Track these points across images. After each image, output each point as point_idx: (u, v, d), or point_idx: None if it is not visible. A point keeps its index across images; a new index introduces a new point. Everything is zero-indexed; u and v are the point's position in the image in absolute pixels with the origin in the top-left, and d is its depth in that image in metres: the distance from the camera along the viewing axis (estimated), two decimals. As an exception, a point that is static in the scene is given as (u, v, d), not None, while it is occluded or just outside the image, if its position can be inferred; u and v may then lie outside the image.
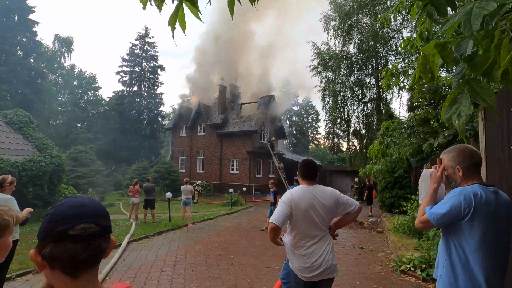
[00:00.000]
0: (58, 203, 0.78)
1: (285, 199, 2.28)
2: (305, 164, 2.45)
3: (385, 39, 20.20)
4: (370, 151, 3.43)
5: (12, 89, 26.70)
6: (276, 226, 2.15)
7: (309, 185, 2.36)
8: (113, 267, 5.01)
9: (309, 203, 2.26)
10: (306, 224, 2.25)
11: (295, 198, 2.26)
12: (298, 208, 2.24)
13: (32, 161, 11.03)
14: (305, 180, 2.40)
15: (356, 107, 22.66)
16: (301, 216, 2.24)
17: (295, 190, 2.33)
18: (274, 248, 6.67)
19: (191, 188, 10.05)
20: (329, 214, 2.31)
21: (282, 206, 2.25)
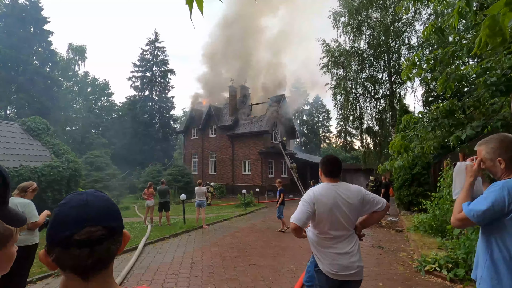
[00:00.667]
0: (62, 202, 0.72)
1: (306, 198, 2.18)
2: (328, 160, 2.33)
3: (397, 33, 19.72)
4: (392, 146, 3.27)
5: (29, 98, 27.59)
6: (298, 226, 2.06)
7: (332, 183, 2.25)
8: (130, 270, 5.02)
9: (333, 201, 2.15)
10: (330, 223, 2.14)
11: (318, 197, 2.16)
12: (322, 207, 2.13)
13: (50, 167, 11.30)
14: (328, 177, 2.29)
15: (368, 104, 22.21)
16: (325, 216, 2.13)
17: (318, 188, 2.23)
18: (291, 249, 6.55)
19: (204, 190, 10.05)
20: (354, 213, 2.20)
21: (303, 205, 2.14)
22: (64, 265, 0.66)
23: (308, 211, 2.10)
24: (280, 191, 9.13)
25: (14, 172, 9.88)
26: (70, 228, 0.65)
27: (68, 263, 0.65)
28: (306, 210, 2.10)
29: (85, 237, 0.65)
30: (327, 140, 56.72)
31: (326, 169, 2.30)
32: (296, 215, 2.10)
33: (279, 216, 8.92)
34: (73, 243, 0.64)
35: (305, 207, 2.12)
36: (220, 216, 11.83)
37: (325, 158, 2.37)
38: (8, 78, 27.24)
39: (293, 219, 2.08)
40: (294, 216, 2.10)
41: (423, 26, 19.79)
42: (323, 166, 2.32)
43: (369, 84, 21.64)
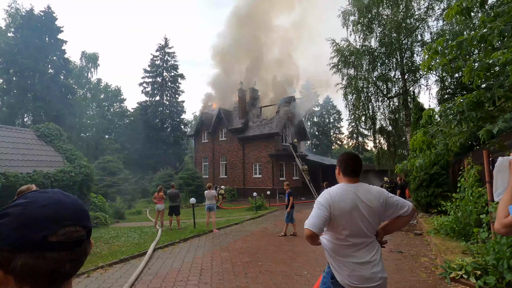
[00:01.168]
0: (24, 201, 0.59)
1: (322, 200, 1.95)
2: (347, 157, 2.09)
3: (409, 29, 19.19)
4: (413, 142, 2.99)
5: (45, 105, 28.36)
6: (313, 233, 1.82)
7: (352, 183, 2.02)
8: (138, 276, 4.88)
9: (351, 204, 1.91)
10: (349, 229, 1.91)
11: (335, 199, 1.92)
12: (339, 211, 1.90)
13: (62, 172, 11.45)
14: (346, 177, 2.05)
15: (381, 103, 21.67)
16: (343, 221, 1.90)
17: (334, 189, 2.00)
18: (305, 254, 6.29)
19: (214, 193, 9.90)
20: (376, 218, 1.96)
21: (318, 209, 1.91)
22: (30, 274, 0.55)
23: (324, 216, 1.87)
24: (289, 194, 8.87)
25: (28, 178, 10.02)
26: (45, 229, 0.56)
27: (42, 269, 0.55)
28: (322, 215, 1.87)
29: (63, 238, 0.57)
30: (338, 142, 55.95)
31: (345, 168, 2.06)
32: (311, 220, 1.87)
33: (289, 220, 8.64)
34: (48, 245, 0.56)
35: (321, 211, 1.89)
36: (231, 220, 11.65)
37: (343, 155, 2.14)
38: (25, 87, 28.13)
39: (308, 225, 1.85)
40: (308, 221, 1.87)
41: (436, 22, 19.32)
42: (341, 164, 2.09)
43: (381, 83, 21.11)
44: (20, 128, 12.83)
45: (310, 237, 1.85)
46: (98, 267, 5.36)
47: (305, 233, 1.87)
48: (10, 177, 9.46)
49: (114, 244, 7.57)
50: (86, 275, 5.01)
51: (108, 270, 5.30)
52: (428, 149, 2.92)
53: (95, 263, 5.56)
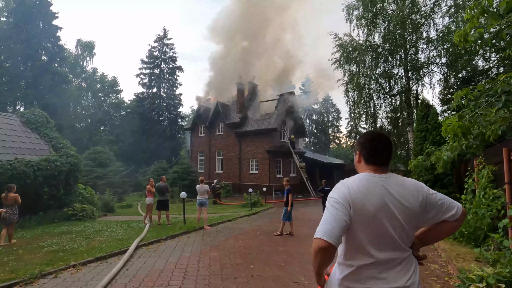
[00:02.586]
0: None
1: (337, 196, 1.35)
2: (372, 138, 1.50)
3: (415, 26, 18.61)
4: (446, 129, 2.42)
5: (37, 94, 27.49)
6: (329, 244, 1.22)
7: (378, 173, 1.44)
8: (113, 278, 4.29)
9: (379, 203, 1.34)
10: (373, 238, 1.33)
11: (355, 195, 1.34)
12: (361, 212, 1.32)
13: (47, 161, 10.77)
14: (370, 165, 1.47)
15: (382, 100, 21.15)
16: (365, 226, 1.33)
17: (354, 181, 1.40)
18: (301, 256, 5.73)
19: (207, 188, 9.31)
20: (412, 223, 1.37)
21: (334, 209, 1.32)
22: None
23: (343, 219, 1.28)
24: (288, 191, 8.30)
25: (8, 166, 9.35)
26: None
27: None
28: (340, 217, 1.28)
29: None
30: (336, 140, 55.48)
31: (369, 152, 1.47)
32: (325, 225, 1.27)
33: (287, 219, 8.08)
34: None
35: (338, 211, 1.30)
36: (224, 217, 11.08)
37: (366, 134, 1.55)
38: (17, 74, 27.24)
39: (322, 233, 1.25)
40: (321, 227, 1.27)
41: (442, 19, 18.67)
42: (363, 147, 1.50)
43: (384, 80, 20.56)
44: (3, 113, 12.11)
45: (323, 250, 1.23)
46: (70, 266, 4.76)
47: (316, 245, 1.25)
48: (-13, 164, 8.79)
49: (95, 239, 6.98)
50: (54, 275, 4.42)
51: (80, 270, 4.71)
52: (464, 137, 2.35)
53: (67, 261, 4.96)
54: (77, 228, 8.81)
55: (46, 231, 8.47)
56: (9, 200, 7.03)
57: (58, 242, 6.70)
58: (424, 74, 19.29)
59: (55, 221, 10.34)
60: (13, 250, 6.06)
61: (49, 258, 5.25)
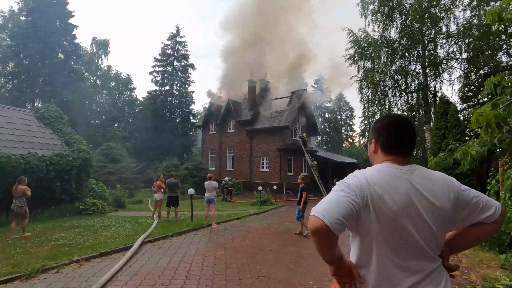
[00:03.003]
0: None
1: (351, 183, 1.10)
2: (391, 122, 1.24)
3: (434, 20, 17.82)
4: (478, 119, 2.11)
5: (54, 91, 28.17)
6: (324, 225, 0.97)
7: (400, 165, 1.18)
8: (115, 275, 4.17)
9: (403, 200, 1.08)
10: (395, 245, 1.08)
11: (375, 189, 1.08)
12: (381, 211, 1.07)
13: (59, 156, 10.90)
14: (389, 155, 1.21)
15: (398, 98, 20.43)
16: (385, 229, 1.07)
17: (372, 172, 1.15)
18: (311, 257, 5.46)
19: (215, 185, 9.14)
20: (443, 225, 1.11)
21: (340, 192, 1.07)
22: None
23: (349, 206, 1.02)
24: (302, 189, 7.99)
25: (21, 160, 9.48)
26: None
27: None
28: (345, 202, 1.03)
29: None
30: (349, 139, 54.45)
31: (388, 139, 1.22)
32: (324, 205, 1.03)
33: (300, 218, 7.80)
34: None
35: (347, 196, 1.05)
36: (233, 214, 10.91)
37: (384, 119, 1.28)
38: (35, 71, 27.99)
39: (317, 211, 1.01)
40: (320, 206, 1.04)
41: (463, 13, 17.80)
42: (380, 133, 1.25)
43: (400, 77, 19.86)
44: (18, 108, 12.36)
45: (318, 231, 0.98)
46: (73, 261, 4.69)
47: (312, 224, 1.00)
48: (1, 158, 8.94)
49: (102, 234, 6.94)
50: (56, 270, 4.34)
51: (83, 265, 4.62)
52: (499, 128, 2.03)
53: (71, 256, 4.89)
54: (86, 222, 8.84)
55: (57, 224, 8.53)
56: (18, 192, 7.06)
57: (66, 236, 6.69)
58: (443, 71, 18.48)
59: (66, 215, 10.45)
60: (21, 243, 6.08)
61: (54, 252, 5.21)
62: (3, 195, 8.83)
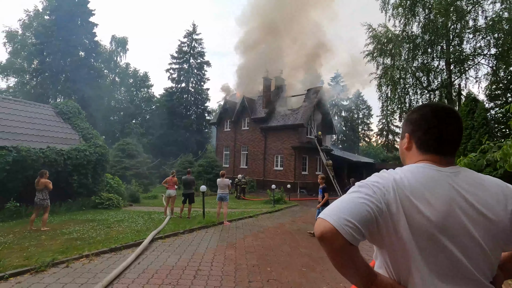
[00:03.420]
0: None
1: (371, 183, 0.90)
2: (431, 112, 1.00)
3: (460, 13, 16.88)
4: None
5: (75, 87, 29.06)
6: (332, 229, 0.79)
7: (439, 165, 0.95)
8: (123, 272, 4.11)
9: (444, 210, 0.86)
10: (435, 264, 0.85)
11: (407, 193, 0.87)
12: (415, 223, 0.85)
13: (77, 150, 11.13)
14: (428, 154, 0.99)
15: (419, 96, 19.59)
16: (420, 246, 0.85)
17: (404, 173, 0.92)
18: (326, 262, 5.21)
19: (228, 182, 9.02)
20: (497, 244, 0.88)
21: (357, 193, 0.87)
22: None
23: (367, 210, 0.82)
24: (323, 189, 7.64)
25: (41, 154, 9.73)
26: None
27: None
28: (361, 202, 0.84)
29: None
30: (366, 139, 53.14)
31: (427, 133, 0.99)
32: (332, 206, 0.85)
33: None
34: None
35: (363, 195, 0.86)
36: (246, 212, 10.77)
37: (424, 108, 1.04)
38: (58, 69, 28.97)
39: (324, 213, 0.84)
40: (328, 208, 0.85)
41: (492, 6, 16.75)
42: (419, 126, 1.01)
43: (422, 74, 19.00)
44: (39, 103, 12.73)
45: (324, 236, 0.80)
46: (83, 256, 4.68)
47: (316, 228, 0.83)
48: (22, 151, 9.19)
49: (114, 229, 6.97)
50: (66, 265, 4.34)
51: (93, 261, 4.60)
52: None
53: (81, 250, 4.89)
54: (101, 216, 8.96)
55: (73, 218, 8.69)
56: (40, 185, 7.20)
57: (79, 229, 6.76)
58: (469, 67, 17.51)
59: (82, 209, 10.67)
60: (37, 235, 6.18)
61: (66, 246, 5.24)
62: (23, 188, 9.12)
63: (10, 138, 9.58)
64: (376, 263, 1.00)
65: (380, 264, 0.96)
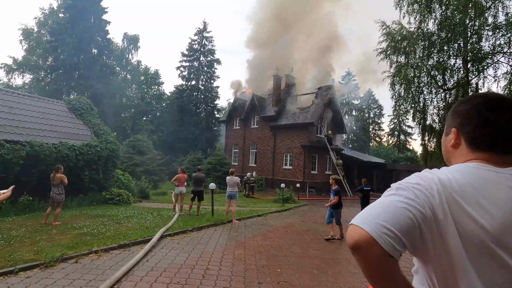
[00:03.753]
0: None
1: (412, 184, 0.76)
2: (486, 103, 0.85)
3: (479, 9, 16.30)
4: None
5: (88, 84, 29.50)
6: (366, 235, 0.67)
7: (496, 165, 0.80)
8: (131, 269, 4.06)
9: (502, 217, 0.71)
10: (492, 283, 0.71)
11: (454, 193, 0.73)
12: (467, 233, 0.71)
13: (88, 146, 11.24)
14: (481, 151, 0.84)
15: (434, 95, 19.05)
16: (474, 260, 0.71)
17: (452, 174, 0.78)
18: (338, 264, 5.07)
19: (237, 180, 8.93)
20: None
21: (396, 196, 0.74)
22: None
23: (408, 213, 0.70)
24: (336, 192, 7.11)
25: (53, 148, 9.86)
26: None
27: None
28: (401, 207, 0.70)
29: None
30: (377, 138, 52.25)
31: (480, 128, 0.84)
32: (367, 211, 0.73)
33: (331, 220, 7.08)
34: None
35: (404, 199, 0.72)
36: (254, 211, 10.67)
37: (477, 98, 0.89)
38: (71, 65, 29.46)
39: (357, 218, 0.72)
40: (361, 213, 0.73)
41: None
42: (471, 119, 0.86)
43: (437, 72, 18.45)
44: (52, 99, 12.93)
45: (359, 245, 0.68)
46: (92, 251, 4.67)
47: (349, 236, 0.72)
48: (35, 146, 9.33)
49: (123, 225, 6.98)
50: (75, 260, 4.33)
51: (101, 257, 4.58)
52: None
53: (91, 246, 4.88)
54: (111, 212, 9.01)
55: (84, 213, 8.77)
56: (56, 180, 7.27)
57: (89, 225, 6.80)
58: (488, 65, 16.89)
59: (93, 204, 10.79)
60: (48, 229, 6.23)
61: (75, 241, 5.25)
62: (36, 182, 9.27)
63: (24, 133, 9.73)
64: (416, 278, 0.86)
65: (422, 279, 0.83)
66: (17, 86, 31.60)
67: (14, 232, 5.78)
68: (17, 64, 32.04)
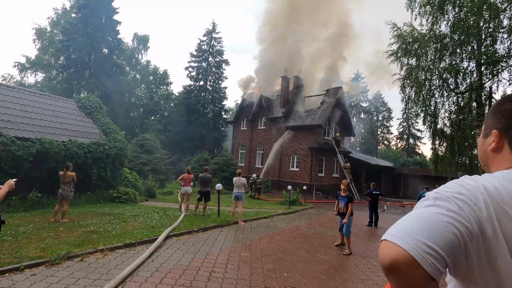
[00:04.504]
0: None
1: (454, 194, 0.65)
2: None
3: (494, 11, 15.93)
4: None
5: (98, 83, 29.88)
6: (405, 254, 0.56)
7: None
8: (136, 269, 4.01)
9: None
10: None
11: (503, 205, 0.63)
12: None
13: (97, 144, 11.32)
14: None
15: (446, 99, 18.66)
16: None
17: (498, 179, 0.68)
18: (346, 269, 4.93)
19: (244, 181, 8.85)
20: None
21: (438, 207, 0.63)
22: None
23: (453, 228, 0.59)
24: (348, 198, 6.40)
25: (62, 146, 9.95)
26: None
27: None
28: (444, 222, 0.60)
29: None
30: (385, 142, 51.54)
31: None
32: (404, 224, 0.62)
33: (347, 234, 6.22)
34: None
35: (446, 212, 0.61)
36: (261, 213, 10.57)
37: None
38: (83, 65, 29.90)
39: (392, 233, 0.61)
40: (396, 227, 0.63)
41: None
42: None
43: (449, 75, 18.07)
44: (62, 97, 13.09)
45: (396, 266, 0.57)
46: (98, 250, 4.64)
47: (383, 254, 0.60)
48: (45, 143, 9.42)
49: (129, 224, 6.97)
50: (80, 258, 4.30)
51: (107, 256, 4.55)
52: None
53: (96, 244, 4.86)
54: (117, 210, 9.03)
55: (91, 210, 8.81)
56: (67, 177, 7.30)
57: (96, 223, 6.81)
58: (503, 69, 16.46)
59: (101, 201, 10.85)
60: (55, 226, 6.25)
61: (81, 239, 5.24)
62: (45, 178, 9.37)
63: (34, 130, 9.85)
64: None
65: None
66: (30, 84, 32.20)
67: (22, 229, 5.81)
68: (30, 62, 32.68)
